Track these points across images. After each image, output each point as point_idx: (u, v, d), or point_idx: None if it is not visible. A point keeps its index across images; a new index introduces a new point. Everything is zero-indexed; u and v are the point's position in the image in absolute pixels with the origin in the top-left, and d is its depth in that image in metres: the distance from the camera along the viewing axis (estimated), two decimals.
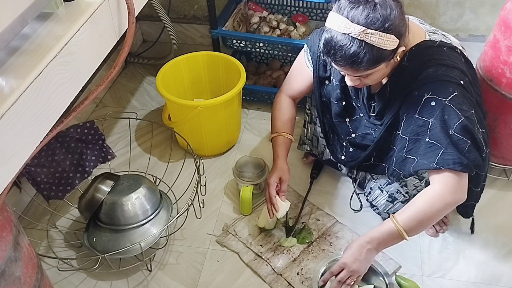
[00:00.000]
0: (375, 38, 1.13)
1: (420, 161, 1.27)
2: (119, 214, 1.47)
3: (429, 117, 1.24)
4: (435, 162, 1.23)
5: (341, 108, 1.49)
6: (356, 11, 1.13)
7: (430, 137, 1.24)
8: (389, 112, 1.35)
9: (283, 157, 1.56)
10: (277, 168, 1.54)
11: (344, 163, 1.63)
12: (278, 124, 1.60)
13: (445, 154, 1.22)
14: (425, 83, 1.25)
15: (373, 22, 1.13)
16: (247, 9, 2.21)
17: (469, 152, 1.22)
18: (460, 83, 1.25)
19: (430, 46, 1.29)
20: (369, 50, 1.15)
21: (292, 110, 1.62)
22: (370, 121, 1.44)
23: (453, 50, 1.31)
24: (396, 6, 1.16)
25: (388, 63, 1.22)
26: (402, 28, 1.18)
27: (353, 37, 1.14)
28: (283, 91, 1.63)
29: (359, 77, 1.26)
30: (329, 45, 1.18)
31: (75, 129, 1.75)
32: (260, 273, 1.53)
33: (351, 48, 1.15)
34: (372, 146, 1.45)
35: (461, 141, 1.22)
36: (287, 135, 1.58)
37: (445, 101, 1.22)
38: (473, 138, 1.23)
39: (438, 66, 1.25)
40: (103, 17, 1.03)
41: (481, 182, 1.42)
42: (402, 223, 1.27)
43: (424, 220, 1.28)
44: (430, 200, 1.26)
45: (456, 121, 1.21)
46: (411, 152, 1.30)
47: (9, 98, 0.78)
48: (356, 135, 1.51)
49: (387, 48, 1.16)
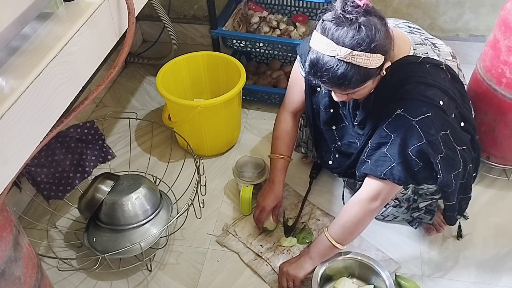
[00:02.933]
0: (361, 59, 1.12)
1: (369, 165, 1.31)
2: (119, 214, 1.47)
3: (394, 131, 1.26)
4: (383, 172, 1.28)
5: (328, 116, 1.50)
6: (341, 33, 1.11)
7: (387, 149, 1.27)
8: (369, 122, 1.36)
9: (279, 183, 1.60)
10: (274, 193, 1.59)
11: (330, 168, 1.64)
12: (279, 145, 1.61)
13: (394, 169, 1.26)
14: (401, 99, 1.25)
15: (358, 43, 1.11)
16: (247, 9, 2.21)
17: (418, 173, 1.26)
18: (438, 104, 1.24)
19: (413, 62, 1.27)
20: (356, 71, 1.14)
21: (294, 129, 1.63)
22: (354, 130, 1.45)
23: (436, 67, 1.29)
24: (381, 24, 1.14)
25: (375, 78, 1.22)
26: (387, 45, 1.17)
27: (340, 59, 1.13)
28: (285, 107, 1.62)
29: (346, 94, 1.26)
30: (315, 67, 1.17)
31: (75, 129, 1.75)
32: (260, 273, 1.53)
33: (338, 70, 1.13)
34: (355, 155, 1.46)
35: (413, 162, 1.25)
36: (286, 157, 1.61)
37: (412, 121, 1.22)
38: (428, 161, 1.25)
39: (417, 84, 1.24)
40: (103, 17, 1.03)
41: (451, 197, 1.39)
42: (332, 233, 1.39)
43: (351, 227, 1.38)
44: (353, 206, 1.36)
45: (416, 143, 1.23)
46: (369, 158, 1.33)
47: (9, 98, 0.78)
48: (342, 143, 1.52)
49: (374, 66, 1.15)
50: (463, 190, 1.43)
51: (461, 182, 1.37)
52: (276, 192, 1.59)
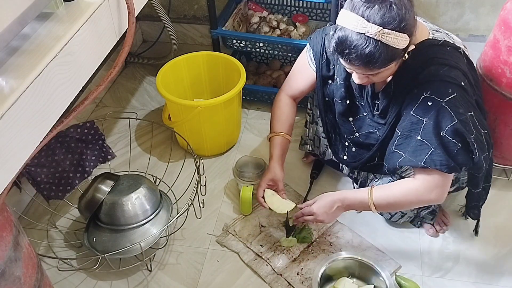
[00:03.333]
0: (390, 38, 1.13)
1: (408, 157, 1.29)
2: (119, 214, 1.47)
3: (424, 116, 1.25)
4: (423, 161, 1.25)
5: (345, 107, 1.49)
6: (371, 11, 1.12)
7: (421, 135, 1.25)
8: (392, 110, 1.35)
9: (277, 158, 1.56)
10: (269, 170, 1.56)
11: (346, 163, 1.63)
12: (276, 124, 1.60)
13: (433, 155, 1.24)
14: (425, 82, 1.25)
15: (389, 21, 1.12)
16: (247, 9, 2.21)
17: (458, 155, 1.24)
18: (461, 85, 1.25)
19: (434, 44, 1.29)
20: (384, 50, 1.14)
21: (292, 110, 1.62)
22: (374, 119, 1.45)
23: (456, 51, 1.31)
24: (410, 5, 1.16)
25: (398, 61, 1.23)
26: (414, 27, 1.18)
27: (369, 36, 1.13)
28: (284, 90, 1.62)
29: (368, 75, 1.25)
30: (343, 45, 1.17)
31: (75, 129, 1.75)
32: (260, 273, 1.53)
33: (367, 48, 1.14)
34: (377, 146, 1.45)
35: (451, 143, 1.23)
36: (284, 135, 1.58)
37: (441, 102, 1.22)
38: (464, 141, 1.23)
39: (440, 66, 1.25)
40: (103, 17, 1.03)
41: (480, 184, 1.42)
42: (375, 199, 1.36)
43: (395, 205, 1.39)
44: (407, 192, 1.33)
45: (449, 123, 1.22)
46: (400, 147, 1.31)
47: (9, 98, 0.78)
48: (360, 134, 1.51)
49: (400, 47, 1.16)
50: (485, 178, 1.43)
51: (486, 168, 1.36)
52: (270, 168, 1.55)
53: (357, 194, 1.42)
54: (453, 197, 1.69)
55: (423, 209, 1.58)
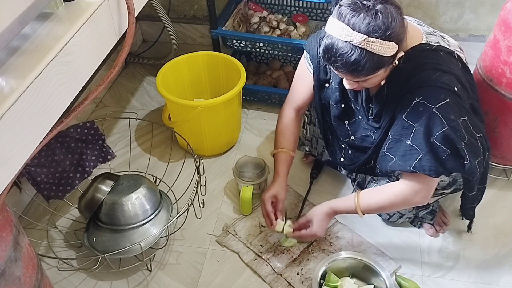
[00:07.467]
0: (376, 46, 1.13)
1: (397, 162, 1.30)
2: (119, 214, 1.47)
3: (415, 121, 1.25)
4: (412, 166, 1.26)
5: (340, 111, 1.49)
6: (357, 19, 1.13)
7: (412, 140, 1.26)
8: (386, 114, 1.36)
9: (283, 176, 1.56)
10: (274, 186, 1.54)
11: (343, 165, 1.63)
12: (281, 140, 1.60)
13: (422, 160, 1.25)
14: (418, 87, 1.25)
15: (374, 30, 1.12)
16: (247, 9, 2.21)
17: (447, 161, 1.25)
18: (453, 90, 1.24)
19: (427, 49, 1.28)
20: (370, 58, 1.15)
21: (297, 125, 1.62)
22: (369, 123, 1.45)
23: (450, 55, 1.31)
24: (397, 13, 1.15)
25: (387, 68, 1.23)
26: (402, 35, 1.18)
27: (354, 45, 1.14)
28: (288, 103, 1.62)
29: (357, 81, 1.26)
30: (329, 52, 1.18)
31: (75, 129, 1.75)
32: (260, 273, 1.53)
33: (352, 56, 1.14)
34: (372, 149, 1.45)
35: (440, 149, 1.24)
36: (289, 152, 1.58)
37: (433, 108, 1.22)
38: (454, 148, 1.24)
39: (433, 71, 1.25)
40: (103, 17, 1.03)
41: (475, 187, 1.42)
42: (362, 205, 1.40)
43: (381, 209, 1.45)
44: (393, 196, 1.36)
45: (439, 130, 1.22)
46: (390, 151, 1.32)
47: (9, 98, 0.78)
48: (355, 137, 1.52)
49: (387, 55, 1.16)
50: (480, 180, 1.43)
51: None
52: (276, 184, 1.54)
53: (346, 203, 1.45)
54: (453, 197, 1.70)
55: (422, 209, 1.58)
